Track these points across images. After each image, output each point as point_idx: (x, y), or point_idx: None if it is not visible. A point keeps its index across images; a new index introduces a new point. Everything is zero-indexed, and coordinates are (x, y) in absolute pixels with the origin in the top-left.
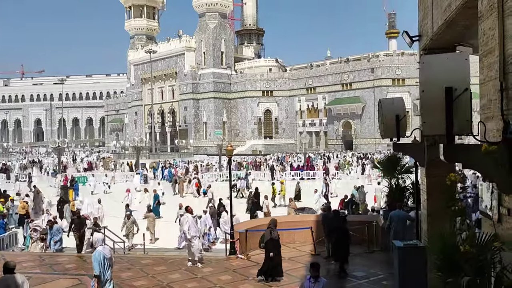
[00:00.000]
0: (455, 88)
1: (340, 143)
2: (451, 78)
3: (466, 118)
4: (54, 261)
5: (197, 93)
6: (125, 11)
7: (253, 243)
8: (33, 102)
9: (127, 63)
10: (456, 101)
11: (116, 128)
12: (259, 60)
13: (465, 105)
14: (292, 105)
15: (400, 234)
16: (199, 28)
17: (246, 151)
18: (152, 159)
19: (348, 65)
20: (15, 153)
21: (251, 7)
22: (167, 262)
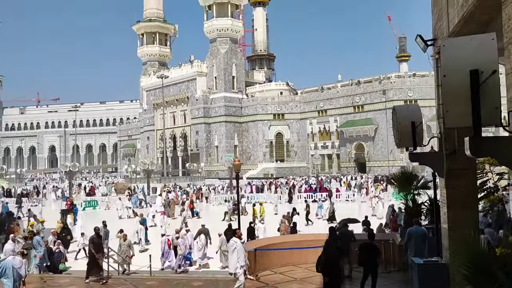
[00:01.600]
0: (482, 71)
1: (353, 166)
2: (476, 60)
3: (495, 105)
4: (55, 283)
5: (209, 117)
6: (138, 38)
7: (263, 263)
8: (47, 129)
9: (140, 89)
10: (483, 86)
11: (128, 154)
12: (270, 84)
13: (493, 90)
14: (304, 128)
15: (420, 251)
16: (210, 53)
17: (258, 175)
18: (164, 183)
19: (360, 87)
20: (28, 180)
21: (261, 33)
22: (172, 284)
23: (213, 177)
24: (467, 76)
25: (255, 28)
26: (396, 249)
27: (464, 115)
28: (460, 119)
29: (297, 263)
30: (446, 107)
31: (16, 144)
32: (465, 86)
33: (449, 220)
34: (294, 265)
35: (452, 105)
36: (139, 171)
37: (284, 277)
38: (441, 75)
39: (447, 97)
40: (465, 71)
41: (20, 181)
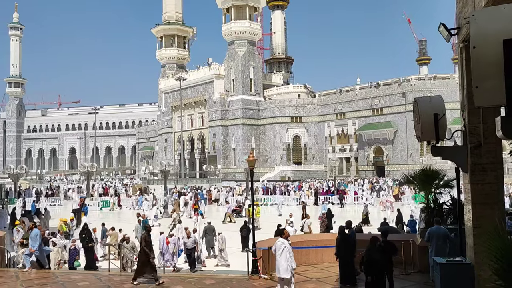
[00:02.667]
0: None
1: (372, 169)
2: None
3: None
4: (67, 279)
5: (226, 119)
6: (157, 41)
7: None
8: (68, 131)
9: (158, 91)
10: None
11: (146, 156)
12: (287, 86)
13: None
14: (322, 130)
15: (441, 252)
16: (228, 55)
17: (275, 177)
18: (181, 184)
19: (379, 90)
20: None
21: (280, 36)
22: (184, 281)
23: (230, 179)
24: (499, 47)
25: (273, 32)
26: (416, 250)
27: (496, 91)
28: (491, 96)
29: (314, 263)
30: (475, 83)
31: (37, 146)
32: (498, 57)
33: (474, 218)
34: (310, 265)
35: (482, 80)
36: (156, 173)
37: (299, 276)
38: (471, 47)
39: (477, 71)
40: (497, 41)
41: (41, 182)
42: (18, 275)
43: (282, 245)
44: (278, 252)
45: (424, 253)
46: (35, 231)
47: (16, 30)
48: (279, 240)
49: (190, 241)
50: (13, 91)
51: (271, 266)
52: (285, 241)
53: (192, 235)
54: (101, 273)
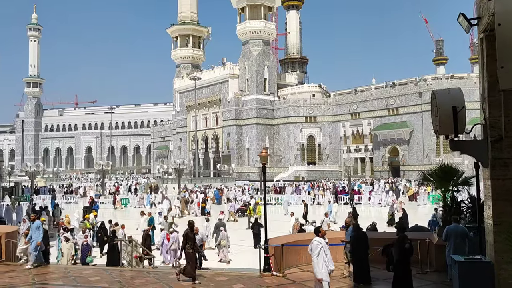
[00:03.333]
0: None
1: (387, 170)
2: None
3: None
4: (78, 274)
5: (240, 119)
6: (172, 41)
7: (290, 259)
8: (84, 130)
9: (173, 91)
10: None
11: (161, 155)
12: (302, 86)
13: None
14: (336, 130)
15: (460, 250)
16: (242, 55)
17: (289, 177)
18: (195, 183)
19: (394, 89)
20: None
21: (294, 36)
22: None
23: (244, 179)
24: None
25: (288, 32)
26: (433, 249)
27: None
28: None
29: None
30: (500, 63)
31: (55, 145)
32: None
33: (494, 215)
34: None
35: (509, 60)
36: (171, 172)
37: (312, 274)
38: (496, 24)
39: (502, 50)
40: None
41: (57, 180)
42: (31, 270)
43: (319, 245)
44: (314, 253)
45: (441, 252)
46: (36, 222)
47: (34, 31)
48: (315, 239)
49: (197, 238)
50: (31, 91)
51: (284, 263)
52: (322, 240)
53: (199, 232)
54: (112, 268)
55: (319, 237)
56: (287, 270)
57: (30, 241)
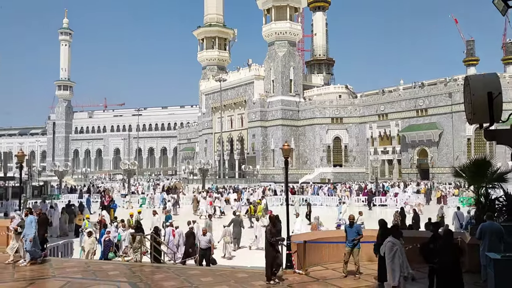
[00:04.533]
0: None
1: (415, 172)
2: None
3: None
4: (98, 268)
5: (265, 120)
6: (198, 43)
7: (314, 257)
8: (113, 132)
9: (199, 93)
10: None
11: (187, 156)
12: (328, 87)
13: None
14: (363, 132)
15: (496, 249)
16: (268, 56)
17: (315, 179)
18: (220, 184)
19: (423, 90)
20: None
21: (321, 38)
22: (216, 274)
23: (269, 180)
24: None
25: (314, 33)
26: (465, 249)
27: None
28: None
29: (351, 260)
30: None
31: (84, 146)
32: None
33: None
34: (349, 262)
35: None
36: (196, 173)
37: (336, 273)
38: None
39: None
40: None
41: (86, 180)
42: (52, 263)
43: (394, 247)
44: (389, 255)
45: (474, 251)
46: (29, 217)
47: (65, 35)
48: (389, 240)
49: (204, 239)
50: (62, 94)
51: (307, 261)
52: (397, 241)
53: (208, 234)
54: (133, 263)
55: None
56: (310, 268)
57: (24, 238)
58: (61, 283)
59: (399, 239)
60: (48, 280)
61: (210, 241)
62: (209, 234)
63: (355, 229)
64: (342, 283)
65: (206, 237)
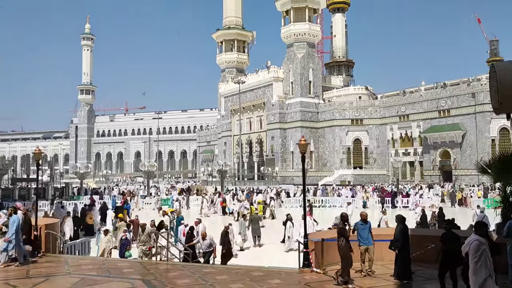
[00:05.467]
0: None
1: (438, 174)
2: None
3: None
4: (113, 265)
5: (284, 122)
6: (217, 46)
7: (333, 256)
8: (134, 135)
9: (218, 95)
10: None
11: (207, 159)
12: (348, 88)
13: None
14: (384, 133)
15: None
16: (287, 58)
17: (334, 181)
18: (238, 185)
19: (445, 90)
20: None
21: (340, 40)
22: (231, 272)
23: (288, 182)
24: None
25: (333, 35)
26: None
27: None
28: None
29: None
30: None
31: (106, 150)
32: None
33: None
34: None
35: None
36: (215, 175)
37: (354, 272)
38: None
39: None
40: None
41: (106, 182)
42: (68, 260)
43: (481, 246)
44: (475, 255)
45: (501, 251)
46: (13, 217)
47: (87, 40)
48: (474, 238)
49: (205, 243)
50: (84, 98)
51: (324, 260)
52: (483, 239)
53: (207, 236)
54: (148, 261)
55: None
56: (328, 267)
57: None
58: (75, 280)
59: (484, 237)
60: (63, 277)
61: (211, 244)
62: (209, 237)
63: (369, 225)
64: (361, 282)
65: (206, 241)
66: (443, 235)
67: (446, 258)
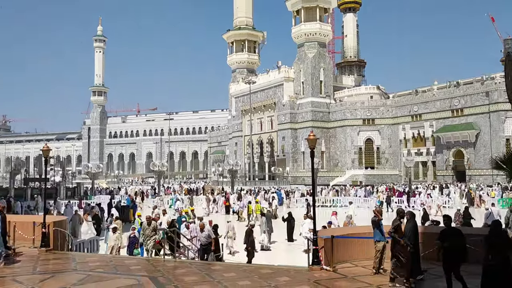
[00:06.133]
0: None
1: (451, 174)
2: None
3: None
4: (120, 263)
5: (295, 122)
6: (228, 46)
7: (342, 254)
8: (145, 136)
9: (229, 96)
10: None
11: (218, 160)
12: (359, 88)
13: None
14: (396, 133)
15: None
16: (298, 58)
17: (346, 182)
18: (249, 186)
19: (459, 89)
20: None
21: (351, 39)
22: (239, 270)
23: (299, 183)
24: None
25: (345, 35)
26: None
27: None
28: None
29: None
30: None
31: (118, 150)
32: None
33: None
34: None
35: None
36: (226, 175)
37: (366, 270)
38: None
39: None
40: None
41: (118, 183)
42: (75, 257)
43: None
44: None
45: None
46: None
47: (100, 42)
48: None
49: (203, 235)
50: (97, 99)
51: (334, 258)
52: None
53: (206, 228)
54: (156, 258)
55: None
56: (338, 265)
57: None
58: (81, 276)
59: None
60: (69, 273)
61: (210, 236)
62: (207, 228)
63: None
64: (373, 280)
65: (204, 232)
66: (442, 231)
67: (447, 255)
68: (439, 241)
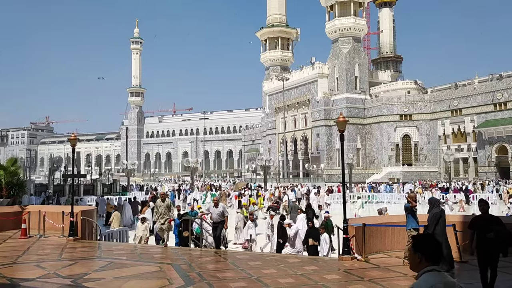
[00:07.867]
0: None
1: (494, 171)
2: None
3: None
4: (145, 251)
5: (330, 119)
6: (261, 44)
7: (375, 244)
8: (181, 136)
9: (262, 93)
10: None
11: (252, 158)
12: (396, 83)
13: None
14: (434, 129)
15: None
16: (332, 54)
17: (382, 179)
18: (283, 183)
19: (502, 82)
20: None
21: (388, 35)
22: (265, 259)
23: (334, 180)
24: None
25: (381, 30)
26: None
27: None
28: None
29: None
30: None
31: (155, 150)
32: None
33: None
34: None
35: None
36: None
37: (400, 260)
38: None
39: None
40: None
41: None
42: (101, 246)
43: None
44: None
45: None
46: None
47: (136, 44)
48: None
49: (216, 212)
50: (134, 100)
51: (367, 248)
52: None
53: (220, 204)
54: (182, 248)
55: None
56: (371, 255)
57: None
58: (103, 263)
59: None
60: (92, 260)
61: (224, 213)
62: (221, 205)
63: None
64: (406, 270)
65: (219, 209)
66: (473, 219)
67: (481, 246)
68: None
